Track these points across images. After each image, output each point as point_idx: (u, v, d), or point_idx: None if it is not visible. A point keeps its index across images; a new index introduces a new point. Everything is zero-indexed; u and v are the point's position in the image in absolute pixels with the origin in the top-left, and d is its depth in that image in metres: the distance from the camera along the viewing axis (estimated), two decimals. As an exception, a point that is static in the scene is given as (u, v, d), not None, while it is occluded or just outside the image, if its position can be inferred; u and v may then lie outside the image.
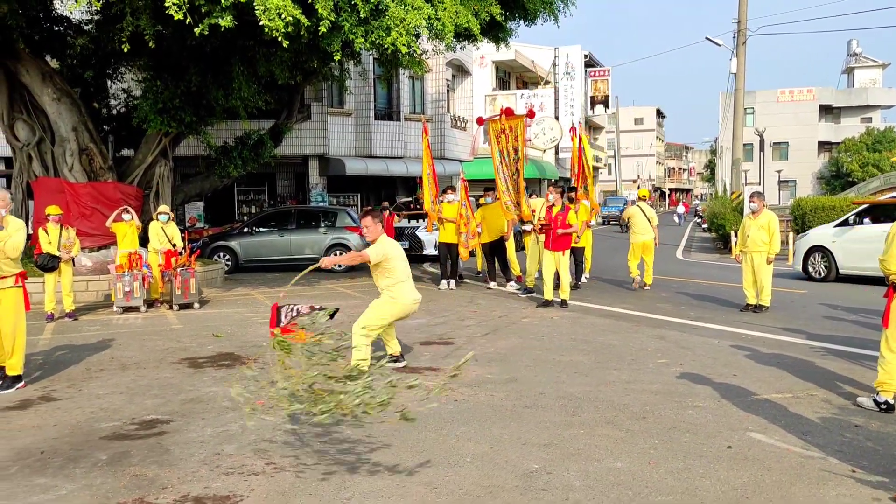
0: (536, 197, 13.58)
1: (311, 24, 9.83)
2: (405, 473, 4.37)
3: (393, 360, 7.07)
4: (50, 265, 10.71)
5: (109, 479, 4.36)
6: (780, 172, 56.73)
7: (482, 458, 4.62)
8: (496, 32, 15.91)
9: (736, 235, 14.65)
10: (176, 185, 17.01)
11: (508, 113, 12.83)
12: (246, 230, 18.35)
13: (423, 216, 16.18)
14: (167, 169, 15.86)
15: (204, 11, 9.68)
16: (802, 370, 6.87)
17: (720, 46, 27.98)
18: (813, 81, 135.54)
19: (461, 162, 30.29)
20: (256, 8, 9.16)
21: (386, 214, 16.46)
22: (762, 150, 32.95)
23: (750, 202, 10.61)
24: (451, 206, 13.59)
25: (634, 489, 4.11)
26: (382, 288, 6.90)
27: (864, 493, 4.02)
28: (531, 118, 13.00)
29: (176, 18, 9.13)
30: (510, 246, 14.02)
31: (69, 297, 10.98)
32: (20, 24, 12.94)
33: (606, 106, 50.24)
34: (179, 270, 11.60)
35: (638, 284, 13.23)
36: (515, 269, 14.04)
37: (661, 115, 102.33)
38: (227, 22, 9.53)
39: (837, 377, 6.61)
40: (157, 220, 12.22)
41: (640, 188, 19.83)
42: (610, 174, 69.84)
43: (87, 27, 15.48)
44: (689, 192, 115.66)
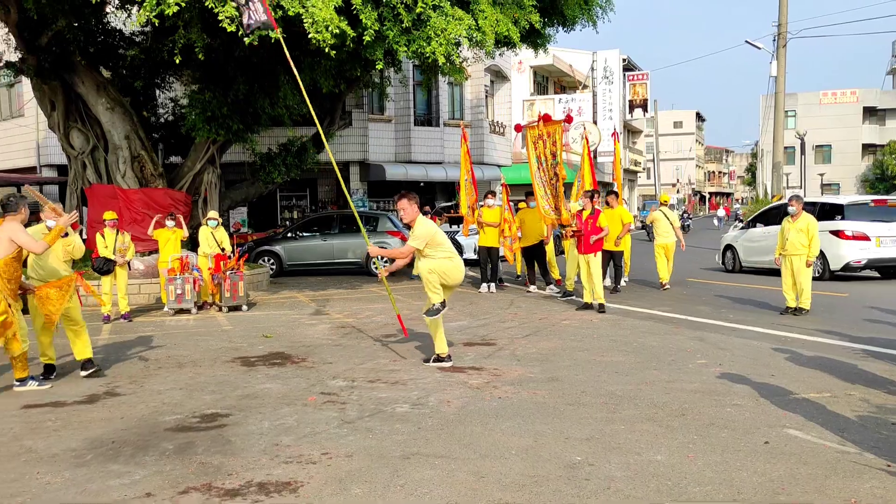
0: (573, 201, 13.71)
1: (355, 34, 10.17)
2: (453, 463, 4.60)
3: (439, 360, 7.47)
4: (106, 268, 11.20)
5: (178, 466, 4.66)
6: (822, 175, 55.86)
7: (526, 450, 4.83)
8: (535, 39, 16.13)
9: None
10: (223, 191, 17.52)
11: (546, 119, 13.02)
12: (290, 235, 18.80)
13: (461, 220, 16.45)
14: (215, 175, 16.37)
15: (254, 24, 10.07)
16: (842, 371, 6.94)
17: (760, 49, 27.78)
18: (856, 83, 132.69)
19: (500, 167, 30.50)
20: (305, 21, 9.52)
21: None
22: (803, 152, 32.54)
23: (789, 205, 10.64)
24: (491, 210, 13.82)
25: (673, 479, 4.28)
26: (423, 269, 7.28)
27: (899, 486, 4.13)
28: (569, 123, 13.16)
29: (229, 31, 9.51)
30: (549, 250, 14.20)
31: (124, 299, 11.44)
32: (77, 37, 13.54)
33: (645, 110, 49.98)
34: (228, 274, 12.00)
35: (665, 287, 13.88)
36: (555, 272, 14.20)
37: (700, 118, 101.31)
38: (275, 34, 9.89)
39: (878, 378, 6.66)
40: (206, 225, 12.65)
41: (661, 194, 20.56)
42: (649, 178, 69.36)
43: (138, 39, 16.07)
44: (729, 195, 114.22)
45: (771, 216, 16.05)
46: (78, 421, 5.74)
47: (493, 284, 13.94)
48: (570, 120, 13.43)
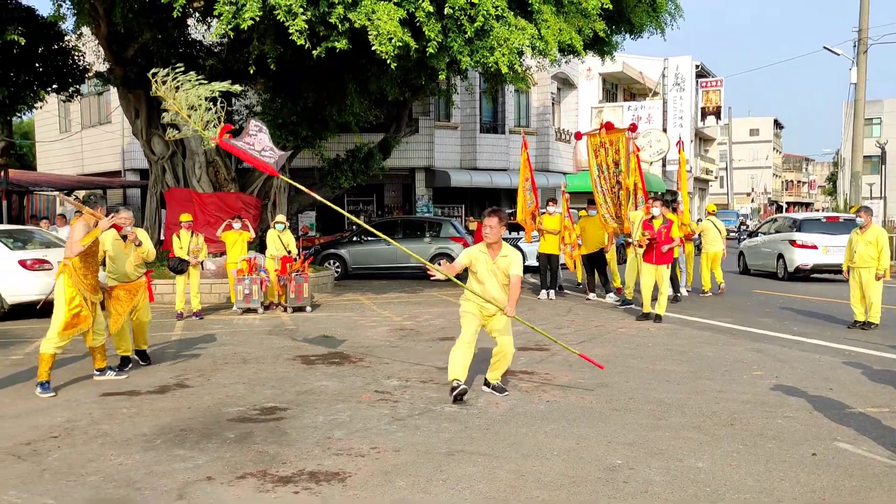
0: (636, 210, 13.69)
1: (419, 45, 10.44)
2: (495, 461, 4.75)
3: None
4: (179, 268, 11.76)
5: (237, 453, 4.96)
6: (907, 186, 53.46)
7: (568, 452, 4.95)
8: (601, 46, 16.15)
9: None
10: (291, 195, 18.09)
11: (609, 127, 13.03)
12: (355, 239, 19.25)
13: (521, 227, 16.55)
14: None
15: (322, 35, 10.48)
16: (903, 387, 6.79)
17: (839, 55, 26.92)
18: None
19: (565, 174, 30.42)
20: (370, 34, 9.84)
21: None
22: (884, 162, 31.35)
23: (857, 217, 10.39)
24: (551, 217, 13.88)
25: (713, 486, 4.34)
26: (503, 299, 6.44)
27: (945, 502, 4.09)
28: (633, 132, 13.11)
29: (298, 44, 9.92)
30: (611, 258, 14.16)
31: (196, 297, 11.98)
32: (160, 49, 14.28)
33: (718, 117, 48.84)
34: (294, 275, 12.42)
35: (713, 292, 14.54)
36: (616, 280, 14.16)
37: (778, 125, 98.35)
38: (342, 45, 10.27)
39: (940, 395, 6.50)
40: (274, 228, 13.12)
41: (708, 204, 20.83)
42: (721, 187, 67.77)
43: (216, 50, 16.79)
44: (808, 206, 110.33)
45: (774, 226, 19.59)
46: (150, 409, 6.14)
47: (552, 291, 14.00)
48: (634, 128, 13.37)
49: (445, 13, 10.41)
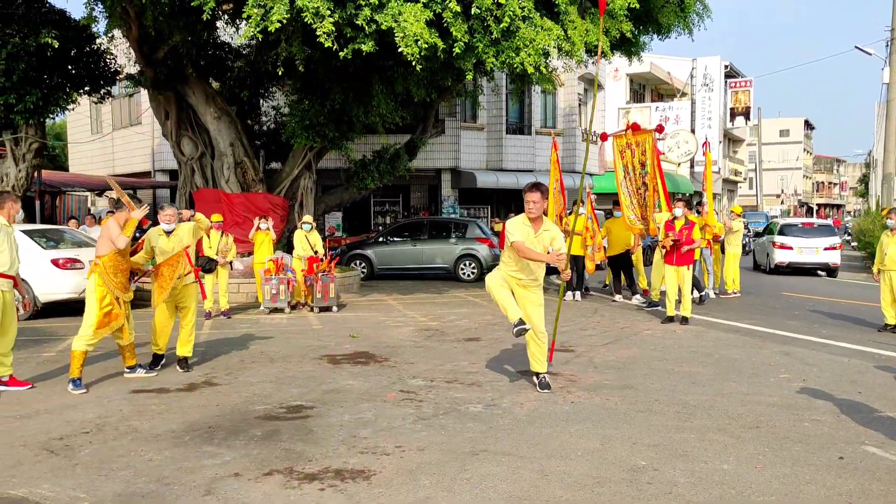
0: (661, 212, 13.63)
1: (445, 46, 10.48)
2: (519, 461, 4.77)
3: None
4: (208, 268, 11.87)
5: (264, 450, 5.03)
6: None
7: (592, 453, 4.95)
8: (628, 47, 16.05)
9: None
10: (318, 196, 18.23)
11: (635, 128, 12.95)
12: (381, 239, 19.34)
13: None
14: (311, 181, 17.06)
15: (349, 37, 10.55)
16: (935, 391, 6.69)
17: (871, 55, 26.52)
18: None
19: (591, 175, 30.28)
20: (396, 35, 9.89)
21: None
22: (917, 163, 30.71)
23: (888, 218, 10.24)
24: (579, 218, 13.83)
25: (737, 489, 4.32)
26: (540, 276, 6.60)
27: (976, 508, 4.03)
28: (660, 132, 13.02)
29: (325, 46, 10.00)
30: (637, 259, 14.09)
31: (224, 297, 12.13)
32: (190, 51, 14.48)
33: (747, 118, 48.30)
34: (320, 276, 12.52)
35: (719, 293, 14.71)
36: (642, 282, 14.08)
37: (809, 126, 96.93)
38: (368, 47, 10.33)
39: (973, 400, 6.40)
40: (301, 228, 13.24)
41: (734, 205, 21.26)
42: (751, 188, 66.97)
43: (244, 52, 16.98)
44: (840, 207, 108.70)
45: (783, 228, 21.39)
46: (178, 406, 6.24)
47: (578, 293, 13.95)
48: (660, 129, 13.26)
49: (472, 13, 10.44)
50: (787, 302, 13.93)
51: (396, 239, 19.23)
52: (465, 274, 18.23)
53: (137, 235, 7.76)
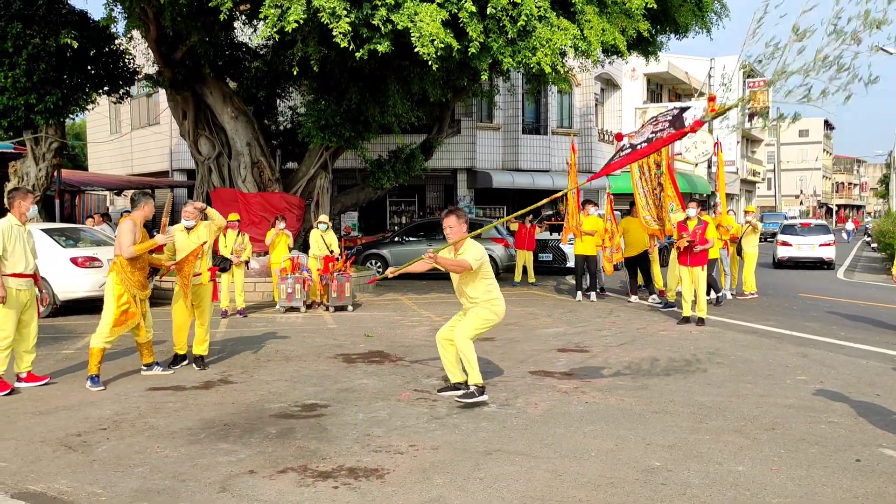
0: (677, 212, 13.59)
1: (461, 46, 10.48)
2: (533, 461, 4.77)
3: (453, 388, 6.52)
4: (222, 266, 11.96)
5: (278, 448, 5.07)
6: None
7: (606, 453, 4.94)
8: (645, 47, 16.00)
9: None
10: (334, 195, 18.29)
11: (651, 128, 12.88)
12: (396, 239, 19.38)
13: (562, 228, 16.49)
14: (327, 181, 17.12)
15: (364, 37, 10.58)
16: (954, 394, 6.61)
17: (892, 55, 26.17)
18: None
19: (608, 176, 30.16)
20: (412, 35, 9.91)
21: (528, 226, 16.87)
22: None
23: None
24: (589, 219, 13.79)
25: (752, 490, 4.29)
26: (476, 297, 6.39)
27: None
28: (676, 132, 12.92)
29: (342, 46, 10.04)
30: (654, 259, 14.02)
31: (240, 296, 12.20)
32: (207, 51, 14.58)
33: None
34: (336, 275, 12.56)
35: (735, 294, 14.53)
36: (658, 283, 14.01)
37: (829, 126, 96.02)
38: (384, 47, 10.35)
39: None
40: (317, 228, 13.29)
41: (748, 205, 21.38)
42: (769, 189, 66.47)
43: (261, 52, 17.07)
44: (860, 208, 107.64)
45: (785, 228, 24.51)
46: (195, 404, 6.29)
47: (593, 293, 13.90)
48: (676, 128, 13.17)
49: (488, 13, 10.43)
50: (804, 303, 13.81)
51: (412, 239, 19.24)
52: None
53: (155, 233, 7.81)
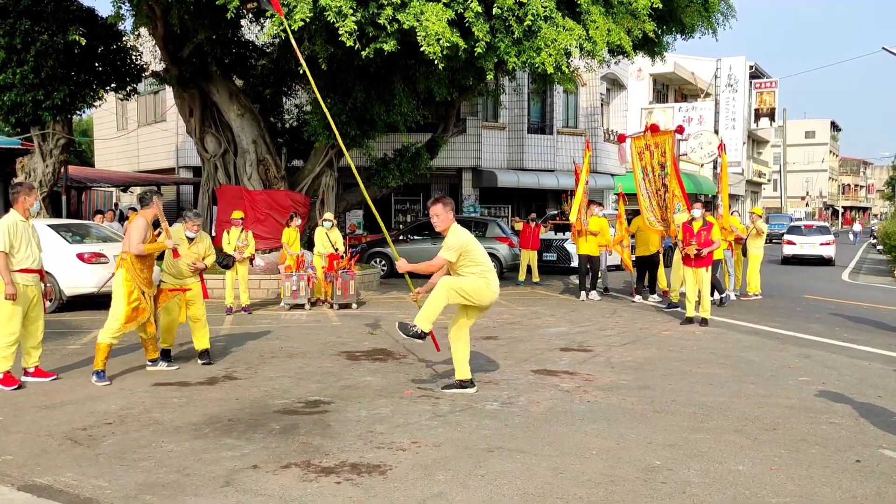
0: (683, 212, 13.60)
1: (467, 46, 10.51)
2: (534, 459, 4.80)
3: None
4: (225, 263, 12.02)
5: (282, 444, 5.11)
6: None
7: (607, 452, 4.97)
8: (651, 47, 16.00)
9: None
10: (339, 193, 18.34)
11: (654, 129, 12.91)
12: (401, 237, 19.42)
13: (567, 228, 16.52)
14: (332, 179, 17.18)
15: (371, 36, 10.63)
16: (956, 396, 6.62)
17: (899, 56, 26.10)
18: None
19: (613, 176, 30.18)
20: (418, 34, 9.95)
21: (532, 225, 16.90)
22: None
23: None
24: (594, 219, 13.82)
25: (751, 489, 4.32)
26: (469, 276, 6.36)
27: None
28: (680, 133, 12.96)
29: (348, 45, 10.08)
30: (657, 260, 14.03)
31: (245, 293, 12.25)
32: (214, 49, 14.64)
33: (772, 119, 47.81)
34: (340, 273, 12.61)
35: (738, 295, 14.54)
36: (662, 283, 14.03)
37: (835, 127, 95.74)
38: (390, 46, 10.40)
39: None
40: (322, 225, 13.34)
41: (754, 207, 21.41)
42: (775, 190, 66.33)
43: (268, 50, 17.13)
44: (866, 210, 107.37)
45: (790, 229, 28.30)
46: (199, 399, 6.34)
47: (594, 293, 13.91)
48: (681, 130, 13.21)
49: (494, 13, 10.46)
50: (808, 305, 13.81)
51: (416, 237, 19.29)
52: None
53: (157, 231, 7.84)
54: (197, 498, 4.16)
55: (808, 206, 77.52)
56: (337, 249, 13.01)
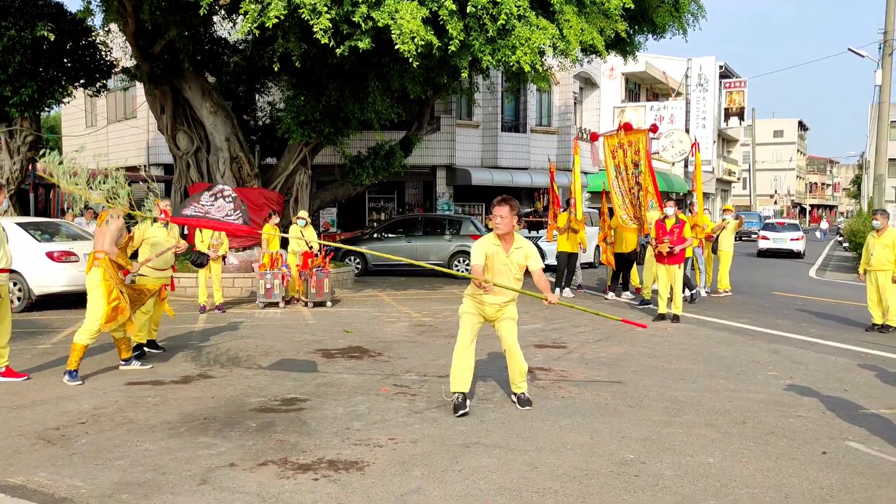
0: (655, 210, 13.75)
1: (441, 44, 10.54)
2: (510, 454, 4.86)
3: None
4: (199, 262, 11.93)
5: (259, 442, 5.11)
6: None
7: (582, 446, 5.05)
8: (623, 46, 16.16)
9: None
10: (313, 191, 18.28)
11: (627, 128, 13.05)
12: (375, 236, 19.41)
13: (542, 226, 16.61)
14: (306, 176, 17.13)
15: (345, 34, 10.61)
16: (919, 389, 6.80)
17: (864, 57, 26.68)
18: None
19: (586, 174, 30.37)
20: (393, 32, 9.96)
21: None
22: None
23: (873, 220, 10.37)
24: (562, 215, 13.95)
25: (722, 481, 4.42)
26: (514, 294, 6.00)
27: (954, 502, 4.14)
28: (654, 132, 13.12)
29: (322, 42, 10.06)
30: (629, 257, 14.18)
31: (219, 291, 12.16)
32: (186, 45, 14.51)
33: (741, 118, 48.52)
34: (315, 271, 12.58)
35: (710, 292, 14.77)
36: (635, 280, 14.19)
37: (803, 127, 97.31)
38: (365, 44, 10.40)
39: (955, 398, 6.52)
40: (296, 223, 13.29)
41: (725, 204, 21.71)
42: (744, 188, 67.29)
43: (241, 47, 17.01)
44: (832, 208, 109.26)
45: (765, 226, 32.70)
46: (174, 398, 6.31)
47: (567, 289, 14.03)
48: (654, 129, 13.37)
49: (468, 12, 10.50)
50: (777, 301, 14.06)
51: (391, 235, 19.29)
52: (459, 271, 18.31)
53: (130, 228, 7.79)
54: (174, 496, 4.16)
55: (776, 204, 78.72)
56: (311, 247, 12.98)
